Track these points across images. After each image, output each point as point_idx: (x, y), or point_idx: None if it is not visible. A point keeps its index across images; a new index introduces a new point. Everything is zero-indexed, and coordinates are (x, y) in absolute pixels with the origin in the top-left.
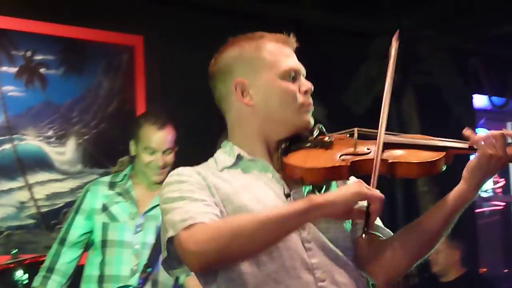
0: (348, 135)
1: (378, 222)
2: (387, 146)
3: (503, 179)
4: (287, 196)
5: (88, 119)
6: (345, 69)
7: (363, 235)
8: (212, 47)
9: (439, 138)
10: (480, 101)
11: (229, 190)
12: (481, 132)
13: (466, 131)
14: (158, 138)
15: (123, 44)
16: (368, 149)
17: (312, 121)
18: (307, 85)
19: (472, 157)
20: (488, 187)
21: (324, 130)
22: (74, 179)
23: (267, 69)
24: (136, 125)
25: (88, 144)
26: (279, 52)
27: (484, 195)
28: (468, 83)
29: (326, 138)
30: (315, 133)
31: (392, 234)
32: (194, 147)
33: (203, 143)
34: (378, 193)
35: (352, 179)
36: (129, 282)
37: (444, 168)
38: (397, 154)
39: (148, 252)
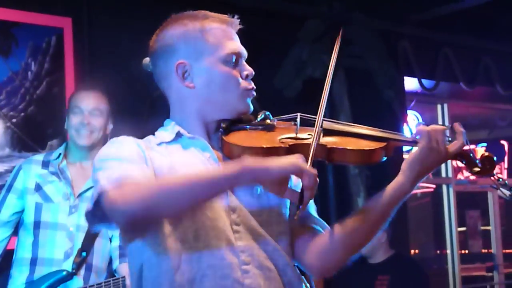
0: (293, 123)
1: (315, 214)
2: (329, 132)
3: None
4: None
5: (16, 102)
6: (276, 52)
7: (296, 216)
8: (142, 29)
9: (384, 130)
10: (410, 84)
11: (163, 163)
12: (424, 126)
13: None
14: (85, 97)
15: (51, 26)
16: (309, 134)
17: (251, 106)
18: (249, 69)
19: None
20: None
21: (270, 117)
22: (3, 163)
23: (210, 53)
24: (70, 99)
25: (17, 127)
26: (222, 35)
27: None
28: (398, 66)
29: (268, 121)
30: (260, 118)
31: (329, 227)
32: (125, 129)
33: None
34: (313, 169)
35: None
36: (63, 266)
37: (384, 159)
38: (336, 140)
39: (82, 235)
